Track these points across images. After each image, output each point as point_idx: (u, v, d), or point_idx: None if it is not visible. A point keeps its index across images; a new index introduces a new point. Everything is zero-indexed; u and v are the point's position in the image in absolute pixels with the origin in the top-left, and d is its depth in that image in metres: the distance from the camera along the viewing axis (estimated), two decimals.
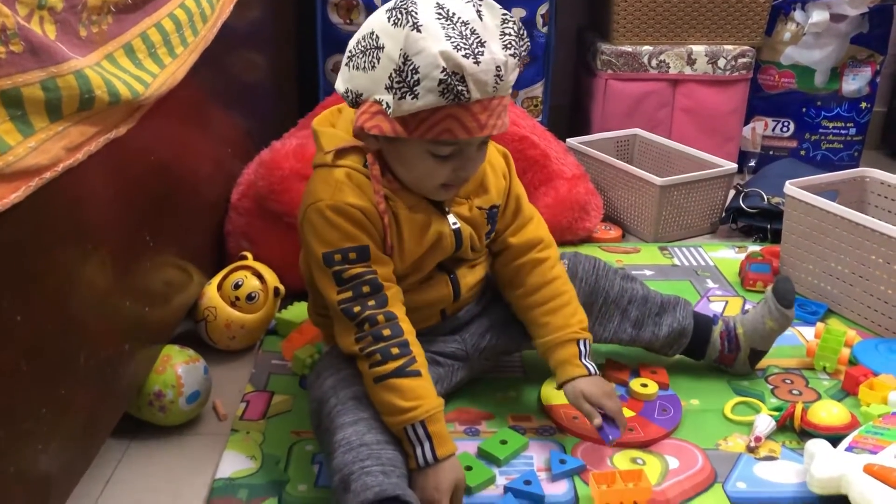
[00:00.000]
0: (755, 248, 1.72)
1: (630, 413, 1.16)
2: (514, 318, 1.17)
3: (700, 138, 2.07)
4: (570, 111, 2.40)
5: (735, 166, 1.81)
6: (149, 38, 1.02)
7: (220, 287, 1.32)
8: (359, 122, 0.96)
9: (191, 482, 1.04)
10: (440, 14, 0.90)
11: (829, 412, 1.12)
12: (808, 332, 1.38)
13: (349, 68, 0.96)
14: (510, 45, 0.93)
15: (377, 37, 0.92)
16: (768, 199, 1.76)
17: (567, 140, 1.92)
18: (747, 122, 2.22)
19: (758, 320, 1.22)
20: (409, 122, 0.92)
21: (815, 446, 1.02)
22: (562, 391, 1.10)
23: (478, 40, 0.90)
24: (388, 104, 0.92)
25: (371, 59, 0.93)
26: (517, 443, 1.09)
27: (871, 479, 0.95)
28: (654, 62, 2.09)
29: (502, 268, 1.15)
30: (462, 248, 1.08)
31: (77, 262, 0.88)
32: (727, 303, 1.51)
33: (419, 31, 0.88)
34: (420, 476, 0.95)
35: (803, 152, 2.24)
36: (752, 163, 2.23)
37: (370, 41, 0.93)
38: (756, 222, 1.79)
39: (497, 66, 0.91)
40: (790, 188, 1.51)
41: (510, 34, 0.93)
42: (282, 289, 1.35)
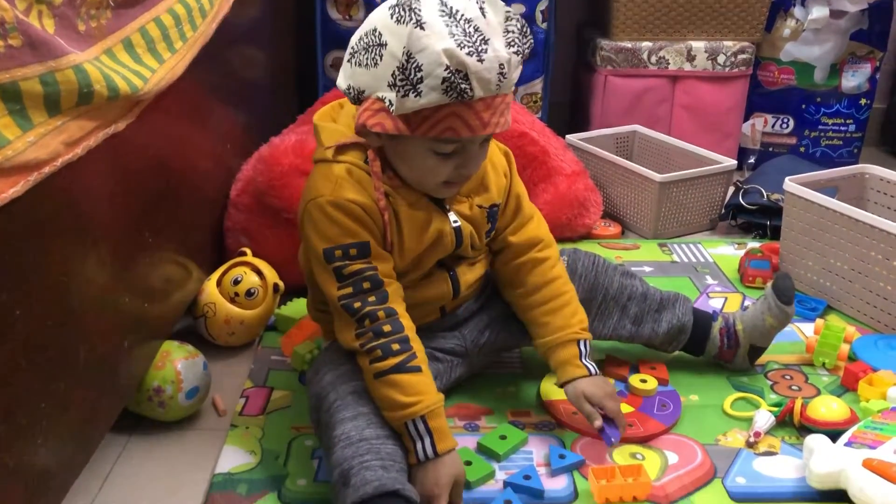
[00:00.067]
0: (755, 244, 1.72)
1: (629, 408, 1.16)
2: (513, 314, 1.17)
3: (699, 135, 2.07)
4: (569, 107, 2.40)
5: (734, 163, 1.81)
6: (148, 33, 1.02)
7: (219, 283, 1.32)
8: (361, 120, 0.95)
9: (190, 477, 1.04)
10: (443, 11, 0.89)
11: (828, 408, 1.12)
12: (808, 329, 1.38)
13: (351, 65, 0.96)
14: (514, 43, 0.92)
15: (380, 34, 0.92)
16: (768, 195, 1.76)
17: (567, 136, 1.92)
18: (747, 119, 2.22)
19: (757, 317, 1.22)
20: (412, 119, 0.92)
21: (815, 441, 1.02)
22: (562, 389, 1.10)
23: (481, 38, 0.89)
24: (390, 102, 0.91)
25: (374, 56, 0.92)
26: (516, 438, 1.10)
27: (870, 474, 0.95)
28: (653, 58, 2.09)
29: (502, 267, 1.15)
30: (462, 246, 1.08)
31: (76, 258, 0.88)
32: (726, 299, 1.51)
33: (422, 29, 0.88)
34: (420, 471, 0.95)
35: (803, 149, 2.24)
36: (752, 159, 2.23)
37: (373, 38, 0.92)
38: (755, 219, 1.79)
39: (500, 64, 0.90)
40: (790, 185, 1.51)
41: (514, 31, 0.92)
42: (281, 285, 1.35)
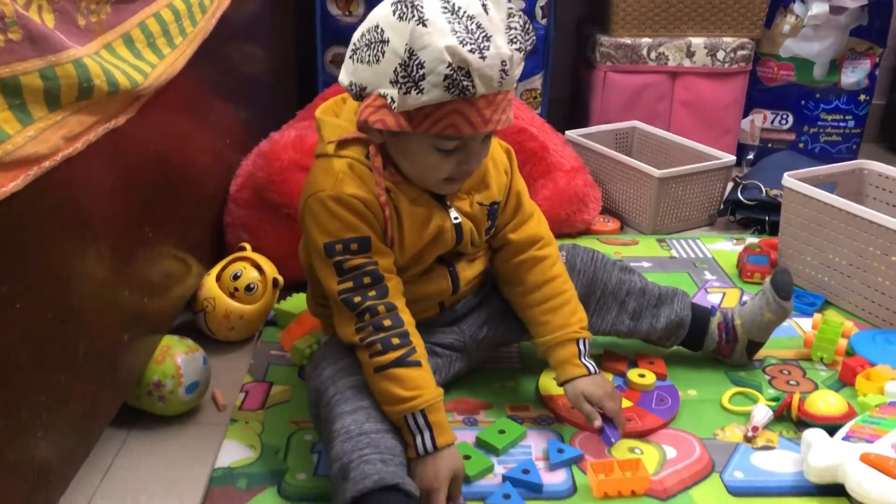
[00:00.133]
0: (753, 239, 1.72)
1: (628, 403, 1.16)
2: (511, 309, 1.17)
3: (699, 131, 2.07)
4: (569, 103, 2.40)
5: (733, 159, 1.81)
6: (147, 28, 1.02)
7: (218, 278, 1.32)
8: (363, 116, 0.95)
9: (190, 471, 1.05)
10: (446, 8, 0.89)
11: (826, 402, 1.12)
12: (806, 324, 1.38)
13: (353, 61, 0.95)
14: (516, 40, 0.92)
15: (382, 30, 0.91)
16: (766, 191, 1.76)
17: (566, 132, 1.92)
18: (746, 115, 2.22)
19: (756, 312, 1.22)
20: (414, 116, 0.92)
21: (812, 436, 1.02)
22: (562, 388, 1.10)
23: (483, 35, 0.89)
24: (392, 99, 0.91)
25: (376, 52, 0.92)
26: (515, 432, 1.10)
27: (867, 468, 0.96)
28: (653, 54, 2.09)
29: (502, 265, 1.15)
30: (462, 242, 1.08)
31: (76, 252, 0.88)
32: (725, 294, 1.51)
33: (425, 26, 0.87)
34: (419, 465, 0.95)
35: (802, 145, 2.24)
36: (751, 155, 2.23)
37: (375, 34, 0.92)
38: (754, 214, 1.79)
39: (503, 61, 0.90)
40: (788, 180, 1.51)
41: (516, 28, 0.92)
42: (280, 280, 1.35)
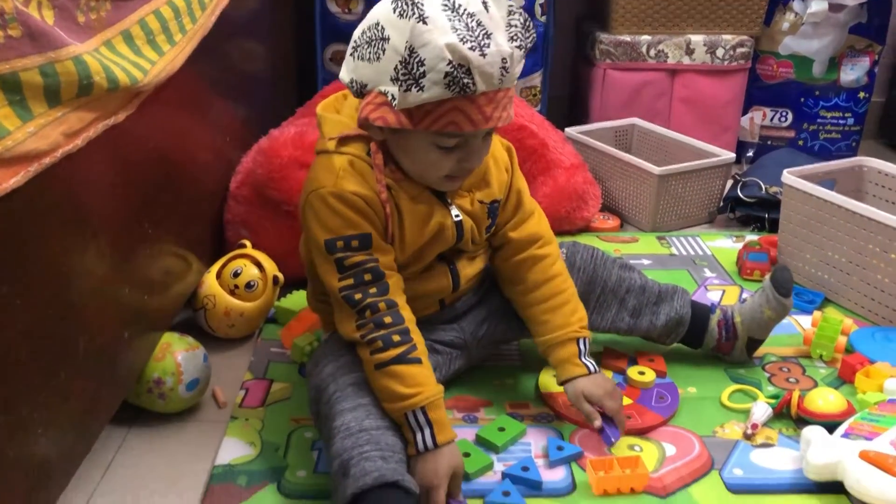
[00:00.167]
0: (753, 237, 1.72)
1: (627, 400, 1.16)
2: (511, 307, 1.17)
3: (698, 128, 2.07)
4: (568, 101, 2.40)
5: (733, 156, 1.81)
6: (147, 25, 1.02)
7: (219, 275, 1.32)
8: (363, 113, 0.95)
9: (190, 468, 1.05)
10: (446, 5, 0.89)
11: (825, 399, 1.12)
12: (805, 321, 1.38)
13: (354, 58, 0.95)
14: (516, 37, 0.92)
15: (382, 28, 0.91)
16: (766, 188, 1.76)
17: (566, 129, 1.92)
18: (745, 112, 2.22)
19: (755, 309, 1.22)
20: (415, 113, 0.92)
21: (812, 433, 1.02)
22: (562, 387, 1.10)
23: (484, 32, 0.89)
24: (393, 96, 0.91)
25: (376, 50, 0.92)
26: (515, 430, 1.10)
27: (866, 465, 0.96)
28: (652, 52, 2.09)
29: (502, 263, 1.15)
30: (463, 240, 1.08)
31: (76, 249, 0.88)
32: (724, 292, 1.51)
33: (425, 24, 0.87)
34: (419, 462, 0.95)
35: (801, 142, 2.24)
36: (751, 153, 2.23)
37: (375, 32, 0.92)
38: (754, 211, 1.79)
39: (503, 59, 0.90)
40: (788, 177, 1.51)
41: (516, 26, 0.92)
42: (281, 277, 1.35)
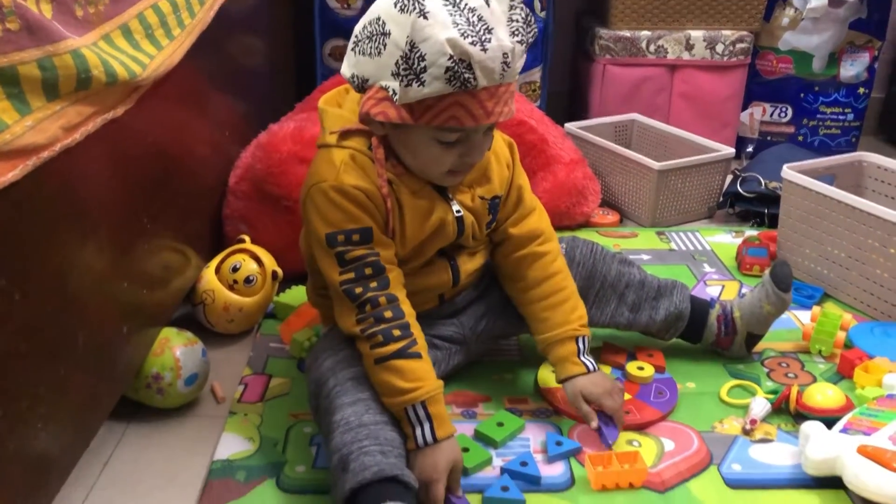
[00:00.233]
0: (752, 232, 1.72)
1: (626, 396, 1.16)
2: (510, 302, 1.17)
3: (698, 123, 2.07)
4: (568, 96, 2.40)
5: (732, 151, 1.81)
6: (146, 19, 1.02)
7: (218, 270, 1.32)
8: (365, 108, 0.95)
9: (189, 463, 1.05)
10: (447, 0, 0.89)
11: (824, 395, 1.12)
12: (805, 316, 1.38)
13: (355, 53, 0.95)
14: (518, 32, 0.92)
15: (383, 23, 0.91)
16: (766, 183, 1.76)
17: (565, 125, 1.92)
18: (745, 108, 2.22)
19: (755, 304, 1.22)
20: (416, 108, 0.92)
21: (810, 428, 1.03)
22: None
23: (485, 27, 0.89)
24: (394, 91, 0.91)
25: (377, 45, 0.92)
26: (514, 425, 1.10)
27: (865, 461, 0.96)
28: (652, 47, 2.09)
29: (503, 259, 1.15)
30: (464, 235, 1.08)
31: (75, 243, 0.88)
32: (724, 287, 1.51)
33: (426, 18, 0.87)
34: (418, 456, 0.95)
35: (801, 138, 2.24)
36: (750, 148, 2.23)
37: (376, 27, 0.92)
38: (753, 207, 1.79)
39: (504, 53, 0.90)
40: (787, 172, 1.51)
41: (517, 20, 0.92)
42: (280, 272, 1.35)
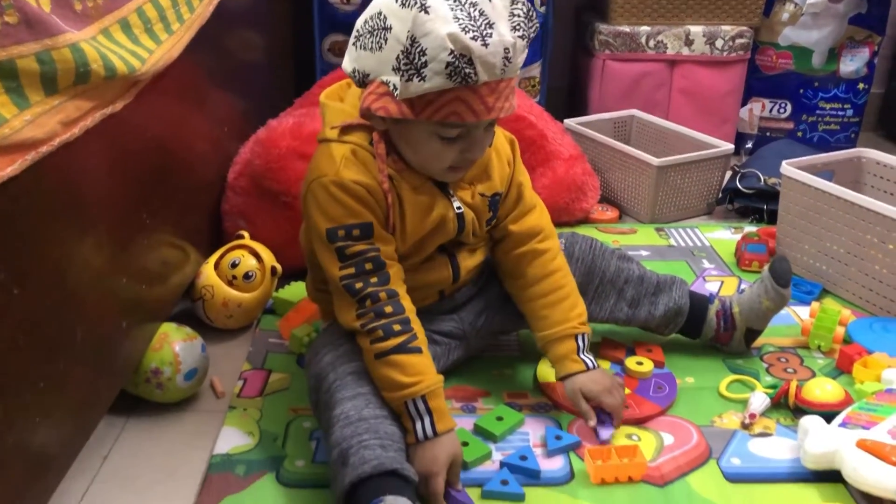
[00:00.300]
0: (751, 228, 1.72)
1: (626, 391, 1.16)
2: (510, 298, 1.17)
3: (697, 119, 2.07)
4: (567, 92, 2.40)
5: (732, 147, 1.81)
6: (144, 13, 1.02)
7: (217, 266, 1.32)
8: (366, 103, 0.95)
9: (188, 458, 1.05)
10: None
11: (823, 389, 1.12)
12: (804, 312, 1.38)
13: (356, 48, 0.95)
14: (519, 27, 0.92)
15: (384, 17, 0.91)
16: (765, 179, 1.76)
17: (565, 121, 1.92)
18: (744, 104, 2.22)
19: (754, 299, 1.22)
20: (416, 103, 0.91)
21: (809, 422, 1.03)
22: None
23: (486, 22, 0.88)
24: (395, 86, 0.91)
25: (378, 39, 0.91)
26: (513, 419, 1.10)
27: (863, 454, 0.96)
28: (651, 43, 2.09)
29: (503, 257, 1.15)
30: (464, 232, 1.08)
31: (74, 238, 0.88)
32: (723, 283, 1.51)
33: (427, 13, 0.87)
34: (418, 450, 0.95)
35: (800, 133, 2.24)
36: (749, 144, 2.23)
37: (377, 21, 0.92)
38: (752, 203, 1.79)
39: (505, 49, 0.89)
40: (787, 168, 1.51)
41: (519, 15, 0.92)
42: (279, 268, 1.35)
